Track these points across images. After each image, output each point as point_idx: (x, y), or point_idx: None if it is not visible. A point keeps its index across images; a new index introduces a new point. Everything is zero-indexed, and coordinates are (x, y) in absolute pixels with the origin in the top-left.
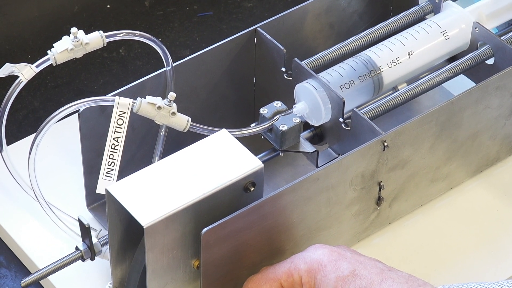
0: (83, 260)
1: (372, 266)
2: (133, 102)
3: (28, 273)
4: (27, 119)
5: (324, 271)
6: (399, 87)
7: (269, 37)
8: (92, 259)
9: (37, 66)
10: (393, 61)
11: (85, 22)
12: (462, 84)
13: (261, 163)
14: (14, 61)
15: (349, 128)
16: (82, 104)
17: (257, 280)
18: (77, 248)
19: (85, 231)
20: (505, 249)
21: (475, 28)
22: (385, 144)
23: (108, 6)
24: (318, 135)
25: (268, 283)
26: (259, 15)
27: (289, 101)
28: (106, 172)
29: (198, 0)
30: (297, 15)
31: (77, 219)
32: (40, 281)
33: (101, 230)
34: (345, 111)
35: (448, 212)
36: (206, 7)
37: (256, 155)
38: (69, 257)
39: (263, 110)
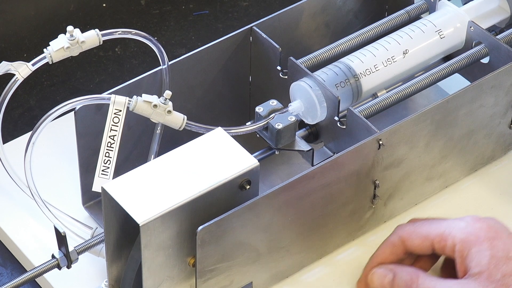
0: (59, 268)
1: None
2: (129, 100)
3: (24, 271)
4: (23, 117)
5: (480, 246)
6: (378, 94)
7: (264, 35)
8: (69, 267)
9: (33, 64)
10: (388, 59)
11: (81, 20)
12: (457, 82)
13: (257, 161)
14: (10, 59)
15: (344, 127)
16: (78, 102)
17: (409, 232)
18: (53, 256)
19: (61, 239)
20: None
21: (470, 27)
22: (380, 142)
23: (104, 4)
24: (314, 133)
25: (420, 239)
26: (255, 14)
27: (285, 100)
28: (102, 170)
29: None
30: (292, 14)
31: (73, 217)
32: (36, 279)
33: (96, 228)
34: (340, 109)
35: (443, 210)
36: (202, 6)
37: (251, 153)
38: (45, 265)
39: (259, 109)
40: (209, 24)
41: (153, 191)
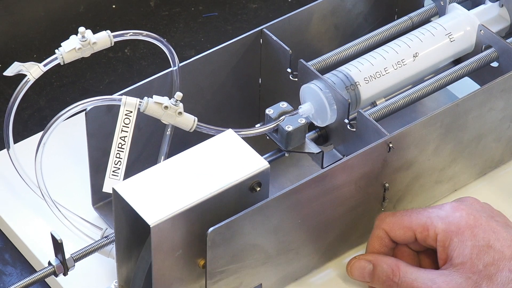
0: (56, 275)
1: (504, 238)
2: (140, 102)
3: (33, 271)
4: (32, 118)
5: (461, 236)
6: (377, 102)
7: (275, 38)
8: (65, 274)
9: (44, 65)
10: (399, 62)
11: (91, 22)
12: (466, 86)
13: (267, 163)
14: (20, 60)
15: (354, 129)
16: (90, 103)
17: (391, 223)
18: (49, 263)
19: (58, 246)
20: None
21: (480, 30)
22: (390, 145)
23: (114, 6)
24: (323, 136)
25: (402, 229)
26: (264, 16)
27: (295, 102)
28: (113, 171)
29: (203, 1)
30: (302, 17)
31: (83, 217)
32: (45, 279)
33: (106, 229)
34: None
35: None
36: (211, 8)
37: (261, 155)
38: (41, 272)
39: (269, 111)
40: (218, 26)
41: (164, 192)
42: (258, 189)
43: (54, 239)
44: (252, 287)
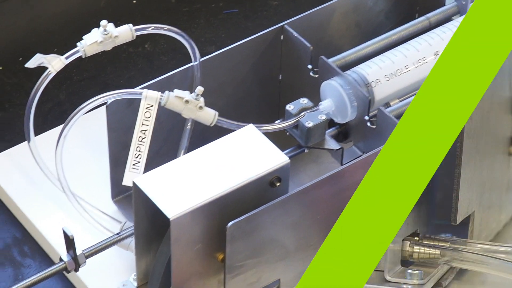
0: (68, 271)
1: None
2: (161, 96)
3: (52, 263)
4: (52, 111)
5: None
6: (391, 103)
7: (296, 34)
8: (76, 270)
9: (66, 58)
10: (420, 61)
11: (111, 17)
12: None
13: (288, 158)
14: (40, 53)
15: (374, 126)
16: (111, 96)
17: None
18: (61, 259)
19: (70, 242)
20: None
21: None
22: None
23: (134, 1)
24: (343, 132)
25: None
26: (284, 13)
27: (315, 98)
28: (133, 165)
29: None
30: (324, 13)
31: (102, 211)
32: (64, 272)
33: (125, 222)
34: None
35: None
36: (231, 4)
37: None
38: (52, 268)
39: (289, 107)
40: (238, 22)
41: (184, 186)
42: (278, 184)
43: (65, 235)
44: (270, 282)
